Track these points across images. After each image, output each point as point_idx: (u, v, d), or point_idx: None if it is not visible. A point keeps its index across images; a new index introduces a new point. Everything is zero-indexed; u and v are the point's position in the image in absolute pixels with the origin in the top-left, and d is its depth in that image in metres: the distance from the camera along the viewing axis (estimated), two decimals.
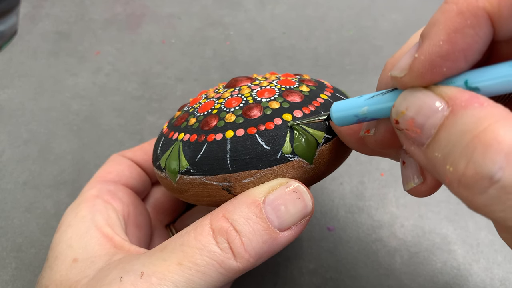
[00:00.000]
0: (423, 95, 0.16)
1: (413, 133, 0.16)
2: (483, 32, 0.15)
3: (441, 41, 0.15)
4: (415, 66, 0.16)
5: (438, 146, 0.15)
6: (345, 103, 0.20)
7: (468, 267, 0.35)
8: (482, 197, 0.13)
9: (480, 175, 0.13)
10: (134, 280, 0.20)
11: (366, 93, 0.20)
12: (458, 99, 0.15)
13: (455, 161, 0.14)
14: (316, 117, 0.22)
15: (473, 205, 0.14)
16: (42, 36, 0.54)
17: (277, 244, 0.21)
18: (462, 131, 0.14)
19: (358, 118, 0.20)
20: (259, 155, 0.22)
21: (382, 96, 0.18)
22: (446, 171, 0.14)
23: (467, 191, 0.14)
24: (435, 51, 0.15)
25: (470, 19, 0.15)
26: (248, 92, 0.25)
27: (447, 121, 0.15)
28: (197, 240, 0.21)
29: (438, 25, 0.15)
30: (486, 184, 0.13)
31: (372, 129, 0.21)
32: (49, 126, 0.45)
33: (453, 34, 0.15)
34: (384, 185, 0.40)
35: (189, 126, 0.24)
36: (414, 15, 0.57)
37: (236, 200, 0.22)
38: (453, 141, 0.14)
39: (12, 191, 0.40)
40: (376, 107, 0.19)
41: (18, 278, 0.35)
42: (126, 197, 0.29)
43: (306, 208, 0.22)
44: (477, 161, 0.13)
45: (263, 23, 0.56)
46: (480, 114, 0.14)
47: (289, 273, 0.35)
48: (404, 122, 0.16)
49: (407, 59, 0.16)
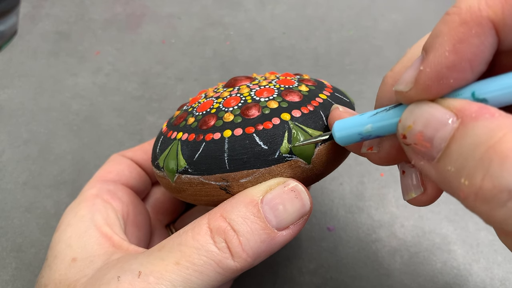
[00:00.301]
0: (430, 108, 0.15)
1: (423, 147, 0.16)
2: (488, 41, 0.15)
3: (447, 51, 0.15)
4: (421, 79, 0.15)
5: (450, 159, 0.14)
6: (347, 121, 0.20)
7: (468, 267, 0.35)
8: (501, 210, 0.13)
9: (499, 188, 0.13)
10: (132, 280, 0.20)
11: (366, 93, 0.19)
12: (467, 110, 0.14)
13: (470, 174, 0.14)
14: (317, 137, 0.22)
15: (492, 219, 0.14)
16: (42, 36, 0.54)
17: (275, 243, 0.21)
18: (475, 143, 0.13)
19: (363, 136, 0.19)
20: (257, 155, 0.22)
21: (386, 113, 0.18)
22: (461, 185, 0.14)
23: (485, 205, 0.13)
24: (442, 62, 0.15)
25: (474, 28, 0.14)
26: (247, 92, 0.25)
27: (458, 133, 0.14)
28: (195, 239, 0.21)
29: (442, 36, 0.15)
30: (505, 197, 0.13)
31: (375, 146, 0.20)
32: (49, 126, 0.45)
33: (458, 44, 0.15)
34: (384, 185, 0.40)
35: (187, 126, 0.24)
36: (414, 15, 0.57)
37: (234, 200, 0.22)
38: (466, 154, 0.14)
39: (12, 191, 0.40)
40: (381, 124, 0.18)
41: (18, 278, 0.35)
42: (125, 196, 0.29)
43: (304, 207, 0.22)
44: (494, 173, 0.13)
45: (263, 23, 0.56)
46: (492, 124, 0.13)
47: (289, 273, 0.35)
48: (412, 137, 0.16)
49: (412, 72, 0.16)
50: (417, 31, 0.55)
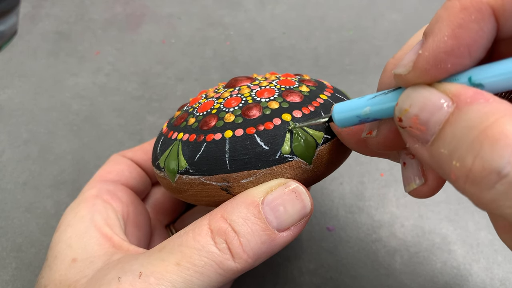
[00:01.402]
0: (427, 92, 0.16)
1: (417, 131, 0.16)
2: (487, 27, 0.15)
3: (446, 36, 0.15)
4: (420, 63, 0.16)
5: (443, 142, 0.15)
6: (346, 104, 0.20)
7: (468, 267, 0.35)
8: (489, 192, 0.13)
9: (488, 170, 0.13)
10: (132, 280, 0.20)
11: (367, 93, 0.19)
12: (462, 95, 0.14)
13: (462, 156, 0.14)
14: (317, 119, 0.22)
15: (480, 201, 0.14)
16: (42, 36, 0.54)
17: (275, 244, 0.21)
18: (468, 127, 0.14)
19: (361, 119, 0.19)
20: (258, 155, 0.22)
21: (385, 96, 0.18)
22: (452, 167, 0.14)
23: (475, 187, 0.14)
24: (440, 47, 0.15)
25: (474, 14, 0.15)
26: (247, 92, 0.25)
27: (452, 117, 0.14)
28: (195, 240, 0.21)
29: (442, 21, 0.15)
30: (494, 179, 0.13)
31: (374, 130, 0.21)
32: (49, 126, 0.45)
33: (457, 29, 0.15)
34: (384, 185, 0.40)
35: (188, 126, 0.24)
36: (414, 15, 0.57)
37: (234, 201, 0.21)
38: (459, 137, 0.14)
39: (12, 191, 0.40)
40: (379, 107, 0.18)
41: (18, 278, 0.35)
42: (125, 197, 0.29)
43: (305, 209, 0.22)
44: (484, 156, 0.13)
45: (263, 23, 0.56)
46: (486, 109, 0.14)
47: (289, 273, 0.35)
48: (407, 120, 0.16)
49: (411, 56, 0.16)
50: (417, 31, 0.54)
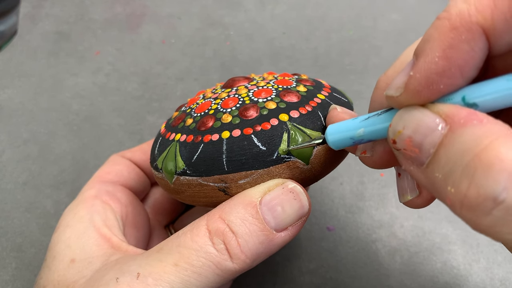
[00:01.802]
0: (420, 113, 0.15)
1: (412, 153, 0.15)
2: (478, 47, 0.14)
3: (437, 57, 0.15)
4: (411, 84, 0.15)
5: (438, 165, 0.14)
6: (340, 125, 0.20)
7: (468, 267, 0.35)
8: (487, 218, 0.13)
9: (484, 196, 0.13)
10: (130, 281, 0.20)
11: (366, 93, 0.19)
12: (456, 116, 0.14)
13: (456, 181, 0.13)
14: (311, 141, 0.22)
15: (478, 227, 0.14)
16: (42, 36, 0.54)
17: (273, 245, 0.21)
18: (462, 150, 0.13)
19: (355, 141, 0.19)
20: (255, 156, 0.22)
21: (378, 117, 0.18)
22: (448, 192, 0.14)
23: (471, 213, 0.13)
24: (431, 68, 0.15)
25: (464, 34, 0.14)
26: (245, 93, 0.25)
27: (446, 140, 0.14)
28: (193, 241, 0.21)
29: (432, 42, 0.15)
30: (490, 206, 0.13)
31: (369, 150, 0.20)
32: (49, 126, 0.45)
33: (448, 50, 0.14)
34: (384, 185, 0.40)
35: (186, 127, 0.24)
36: (414, 15, 0.57)
37: (232, 201, 0.21)
38: (453, 161, 0.14)
39: (12, 191, 0.40)
40: (372, 128, 0.18)
41: (18, 278, 0.35)
42: (124, 197, 0.29)
43: (303, 209, 0.22)
44: (479, 181, 0.13)
45: (263, 23, 0.56)
46: (480, 131, 0.13)
47: (289, 273, 0.35)
48: (401, 142, 0.16)
49: (402, 77, 0.16)
50: (417, 31, 0.55)
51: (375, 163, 0.20)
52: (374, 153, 0.20)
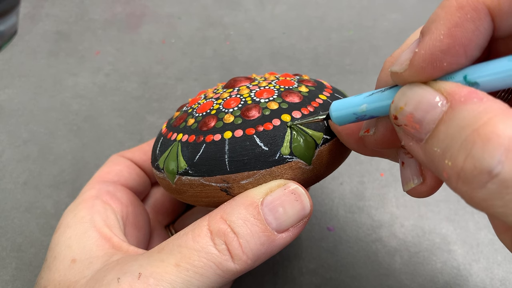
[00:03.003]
0: (422, 90, 0.16)
1: (412, 129, 0.16)
2: (483, 26, 0.15)
3: (442, 35, 0.15)
4: (416, 61, 0.16)
5: (437, 140, 0.15)
6: (344, 101, 0.20)
7: (468, 267, 0.35)
8: (481, 191, 0.13)
9: (479, 169, 0.13)
10: (131, 281, 0.20)
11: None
12: (457, 94, 0.14)
13: (454, 155, 0.14)
14: (315, 117, 0.22)
15: (472, 200, 0.14)
16: (42, 36, 0.54)
17: (275, 245, 0.21)
18: (461, 126, 0.14)
19: (358, 116, 0.19)
20: (257, 156, 0.22)
21: (381, 94, 0.18)
22: (445, 166, 0.14)
23: (466, 185, 0.14)
24: (436, 45, 0.15)
25: (470, 13, 0.15)
26: (247, 93, 0.25)
27: (446, 116, 0.15)
28: (195, 241, 0.21)
29: (438, 20, 0.15)
30: (485, 179, 0.13)
31: (371, 128, 0.21)
32: (49, 126, 0.45)
33: (453, 28, 0.15)
34: (384, 185, 0.40)
35: (187, 127, 0.24)
36: (414, 15, 0.57)
37: (234, 202, 0.21)
38: (452, 136, 0.14)
39: (12, 191, 0.40)
40: (375, 105, 0.18)
41: (18, 278, 0.35)
42: (125, 197, 0.29)
43: (304, 210, 0.22)
44: (476, 155, 0.13)
45: (263, 23, 0.56)
46: (479, 108, 0.14)
47: (289, 273, 0.35)
48: (402, 118, 0.16)
49: (408, 54, 0.16)
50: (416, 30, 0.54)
51: (377, 141, 0.20)
52: (376, 131, 0.20)
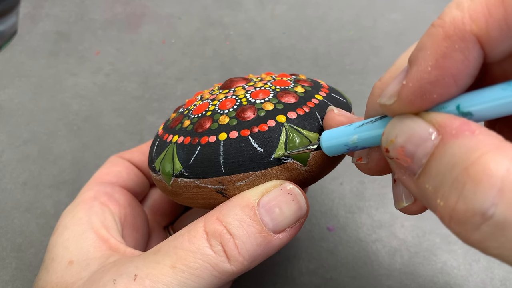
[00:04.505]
0: (412, 122, 0.15)
1: (404, 162, 0.15)
2: (472, 55, 0.14)
3: (430, 66, 0.14)
4: (404, 93, 0.15)
5: (428, 177, 0.14)
6: (335, 132, 0.20)
7: (468, 267, 0.35)
8: (475, 233, 0.13)
9: (472, 211, 0.12)
10: (127, 283, 0.20)
11: (366, 93, 0.19)
12: (448, 126, 0.14)
13: (445, 195, 0.13)
14: (306, 147, 0.22)
15: (468, 241, 0.13)
16: (42, 36, 0.54)
17: (271, 246, 0.21)
18: (452, 163, 0.13)
19: (349, 148, 0.19)
20: (252, 158, 0.22)
21: (372, 124, 0.18)
22: (437, 205, 0.14)
23: (460, 227, 0.13)
24: (424, 77, 0.14)
25: (458, 43, 0.14)
26: (242, 94, 0.25)
27: (437, 151, 0.14)
28: (191, 242, 0.20)
29: (425, 50, 0.14)
30: (478, 221, 0.12)
31: (364, 157, 0.20)
32: (49, 126, 0.45)
33: (441, 59, 0.14)
34: (384, 185, 0.40)
35: (183, 129, 0.24)
36: (414, 15, 0.57)
37: (230, 203, 0.21)
38: (443, 173, 0.13)
39: (12, 191, 0.40)
40: (367, 135, 0.18)
41: (18, 278, 0.35)
42: (123, 198, 0.29)
43: (301, 210, 0.22)
44: (467, 196, 0.13)
45: (263, 23, 0.56)
46: (471, 143, 0.13)
47: (289, 273, 0.35)
48: (394, 151, 0.16)
49: (395, 85, 0.15)
50: (417, 31, 0.54)
51: (371, 170, 0.20)
52: (369, 160, 0.20)
